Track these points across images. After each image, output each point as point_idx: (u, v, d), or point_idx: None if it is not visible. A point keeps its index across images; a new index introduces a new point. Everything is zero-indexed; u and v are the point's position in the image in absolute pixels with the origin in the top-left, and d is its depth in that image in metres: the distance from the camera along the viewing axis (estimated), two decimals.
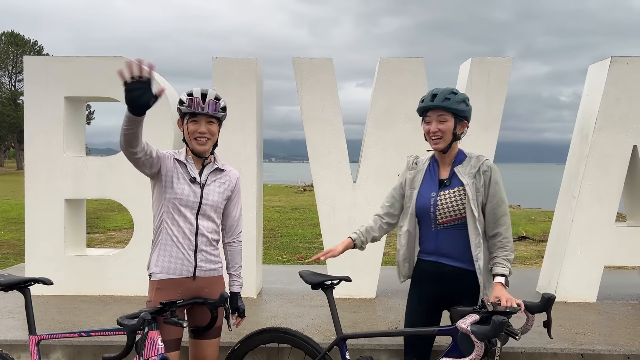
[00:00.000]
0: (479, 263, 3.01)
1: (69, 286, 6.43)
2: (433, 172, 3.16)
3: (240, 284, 3.44)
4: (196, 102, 3.04)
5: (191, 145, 3.13)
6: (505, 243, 3.03)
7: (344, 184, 6.37)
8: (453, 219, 3.04)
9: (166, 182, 3.07)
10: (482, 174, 3.02)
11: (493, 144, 6.25)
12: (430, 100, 3.06)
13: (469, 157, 3.15)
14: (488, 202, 3.03)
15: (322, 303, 6.07)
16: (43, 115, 6.41)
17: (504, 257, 3.01)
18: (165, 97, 6.42)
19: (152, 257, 3.22)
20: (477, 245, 3.01)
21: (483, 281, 3.04)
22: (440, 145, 3.08)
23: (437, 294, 3.15)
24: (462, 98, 3.14)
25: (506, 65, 6.19)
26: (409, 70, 6.22)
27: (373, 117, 6.34)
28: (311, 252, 12.43)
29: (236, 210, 3.38)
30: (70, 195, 6.45)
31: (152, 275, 3.15)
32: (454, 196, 3.03)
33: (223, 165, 3.37)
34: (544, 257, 11.30)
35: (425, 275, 3.19)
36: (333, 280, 3.41)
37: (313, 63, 6.30)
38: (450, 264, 3.08)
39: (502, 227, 3.03)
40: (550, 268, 6.58)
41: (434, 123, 3.08)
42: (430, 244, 3.14)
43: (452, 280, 3.10)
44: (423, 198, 3.11)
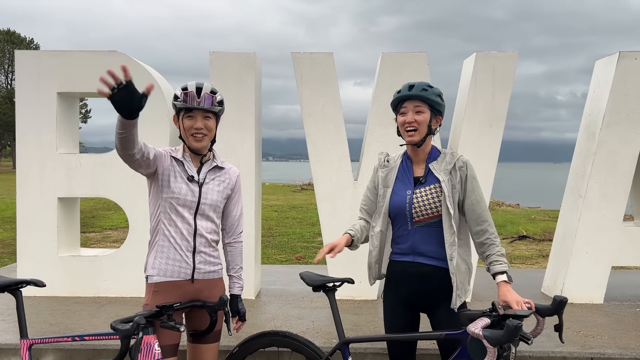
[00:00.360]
0: (453, 262, 2.88)
1: (62, 287, 6.26)
2: (407, 169, 3.05)
3: (240, 286, 3.30)
4: (191, 97, 2.90)
5: (188, 142, 3.00)
6: (494, 239, 2.91)
7: (345, 182, 6.21)
8: (430, 217, 2.92)
9: (163, 181, 2.95)
10: (457, 169, 2.92)
11: (498, 141, 6.10)
12: (408, 90, 2.97)
13: (443, 153, 3.03)
14: (466, 198, 2.92)
15: (322, 304, 5.91)
16: (35, 112, 6.24)
17: (498, 254, 2.87)
18: (161, 94, 6.25)
19: (149, 259, 3.06)
20: (451, 243, 2.88)
21: (456, 281, 2.90)
22: (416, 138, 2.95)
23: (415, 295, 3.02)
24: (439, 92, 3.02)
25: (512, 60, 6.03)
26: (411, 65, 6.06)
27: (375, 114, 6.18)
28: (310, 252, 12.29)
29: (236, 209, 3.24)
30: (64, 194, 6.28)
31: (149, 278, 3.01)
32: (430, 194, 2.93)
33: (223, 162, 3.22)
34: (546, 256, 11.18)
35: (402, 277, 3.05)
36: (335, 282, 3.28)
37: (313, 58, 6.14)
38: (428, 263, 2.96)
39: (486, 223, 2.92)
40: (555, 268, 6.43)
41: (410, 114, 2.97)
42: (405, 243, 3.01)
43: (430, 280, 2.97)
44: (397, 196, 3.00)
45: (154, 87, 2.53)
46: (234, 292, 3.25)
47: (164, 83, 6.53)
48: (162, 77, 6.62)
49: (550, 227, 16.05)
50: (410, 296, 3.02)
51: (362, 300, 6.06)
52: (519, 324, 2.46)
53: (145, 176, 3.01)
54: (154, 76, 6.28)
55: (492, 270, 2.87)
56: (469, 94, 6.06)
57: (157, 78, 6.32)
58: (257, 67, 6.28)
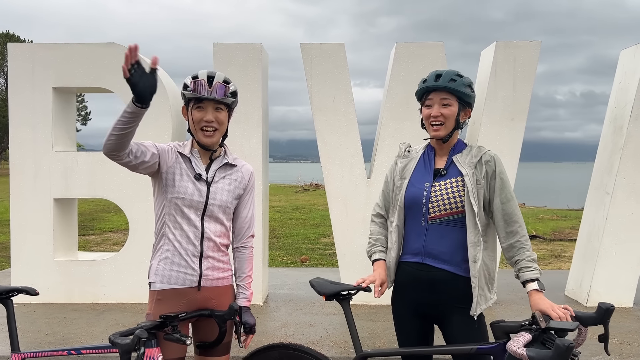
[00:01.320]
0: (477, 264, 2.59)
1: (58, 293, 5.93)
2: (428, 160, 2.82)
3: (246, 297, 2.96)
4: (202, 86, 2.65)
5: (197, 136, 2.74)
6: (525, 242, 2.62)
7: (358, 180, 5.87)
8: (447, 213, 2.66)
9: (167, 179, 2.71)
10: (484, 164, 2.67)
11: (519, 136, 5.77)
12: (434, 80, 2.71)
13: (470, 146, 2.79)
14: (495, 197, 2.66)
15: (335, 310, 5.57)
16: (29, 108, 5.91)
17: (528, 259, 2.59)
18: (162, 88, 5.91)
19: (152, 265, 2.78)
20: (475, 243, 2.61)
21: (478, 286, 2.60)
22: (442, 132, 2.71)
23: (423, 303, 2.73)
24: (469, 82, 2.75)
25: (534, 50, 5.70)
26: (427, 55, 5.72)
27: (389, 108, 5.84)
28: (314, 253, 11.97)
29: (247, 210, 2.94)
30: (60, 195, 5.94)
31: (152, 285, 2.75)
32: (451, 187, 2.67)
33: (235, 159, 2.93)
34: (558, 256, 10.83)
35: (408, 281, 2.77)
36: (350, 291, 2.91)
37: (323, 49, 5.80)
38: (438, 266, 2.67)
39: (517, 224, 2.64)
40: (581, 270, 6.09)
41: (436, 106, 2.72)
42: (416, 241, 2.74)
43: (441, 288, 2.68)
44: (414, 188, 2.75)
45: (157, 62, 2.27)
46: (241, 304, 2.93)
47: (165, 77, 6.19)
48: (163, 71, 6.28)
49: (560, 227, 15.74)
50: (420, 305, 2.75)
51: (378, 305, 5.70)
52: (571, 344, 2.14)
53: (149, 175, 2.76)
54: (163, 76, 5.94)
55: (522, 278, 2.59)
56: (489, 86, 5.73)
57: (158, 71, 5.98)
58: (264, 59, 5.94)
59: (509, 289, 6.49)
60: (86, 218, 17.76)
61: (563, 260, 11.21)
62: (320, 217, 17.76)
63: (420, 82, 2.79)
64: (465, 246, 2.63)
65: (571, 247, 12.50)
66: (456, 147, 2.77)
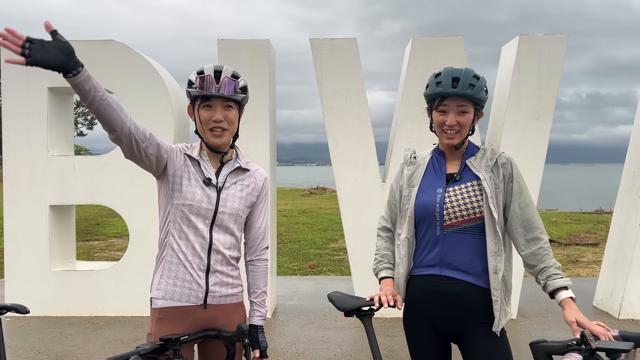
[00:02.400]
0: (498, 275, 2.41)
1: (54, 306, 5.60)
2: (438, 166, 2.63)
3: (262, 315, 2.70)
4: (208, 82, 2.40)
5: (205, 137, 2.50)
6: (548, 249, 2.44)
7: (372, 184, 5.51)
8: (465, 219, 2.47)
9: (174, 183, 2.48)
10: (500, 166, 2.50)
11: (545, 137, 5.39)
12: (452, 86, 2.47)
13: (483, 149, 2.60)
14: (512, 201, 2.48)
15: (349, 324, 5.20)
16: (23, 109, 5.60)
17: (555, 266, 2.39)
18: (164, 87, 5.58)
19: (155, 278, 2.55)
20: (496, 253, 2.42)
21: (500, 300, 2.41)
22: (456, 140, 2.53)
23: (443, 320, 2.51)
24: (485, 83, 2.55)
25: (560, 44, 5.33)
26: (446, 51, 5.37)
27: (404, 107, 5.48)
28: (323, 259, 11.64)
29: (261, 220, 2.68)
30: (56, 201, 5.62)
31: (153, 302, 2.52)
32: (467, 192, 2.49)
33: (247, 163, 2.67)
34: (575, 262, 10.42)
35: (423, 296, 2.55)
36: (373, 306, 2.65)
37: (335, 44, 5.45)
38: (458, 277, 2.47)
39: (538, 230, 2.45)
40: (611, 279, 5.70)
41: (451, 114, 2.50)
42: (432, 252, 2.53)
43: (461, 301, 2.46)
44: (426, 195, 2.56)
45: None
46: (254, 322, 2.66)
47: (167, 76, 5.86)
48: (164, 70, 5.95)
49: (574, 230, 15.33)
50: (438, 321, 2.52)
51: (395, 319, 5.32)
52: None
53: (155, 177, 2.53)
54: (155, 67, 5.62)
55: (553, 286, 2.35)
56: (512, 83, 5.36)
57: (159, 70, 5.65)
58: (271, 56, 5.60)
59: (532, 299, 6.11)
60: (90, 223, 17.54)
61: (581, 266, 10.81)
62: (328, 221, 17.43)
63: (432, 82, 2.52)
64: (484, 255, 2.43)
65: (588, 252, 12.11)
66: (468, 150, 2.59)
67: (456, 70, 2.47)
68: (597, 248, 12.58)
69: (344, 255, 5.61)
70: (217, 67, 2.41)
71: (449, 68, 2.51)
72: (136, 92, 5.55)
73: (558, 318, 5.33)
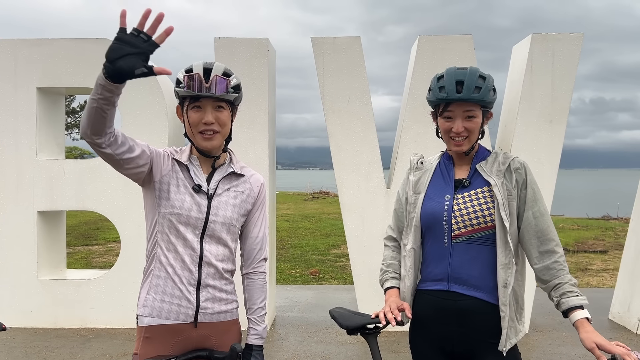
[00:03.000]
0: (507, 290, 2.24)
1: (42, 317, 5.34)
2: (445, 171, 2.45)
3: (258, 334, 2.47)
4: (197, 81, 2.20)
5: (195, 141, 2.31)
6: (563, 264, 2.26)
7: (376, 190, 5.24)
8: (475, 229, 2.29)
9: (161, 190, 2.30)
10: (513, 171, 2.32)
11: (559, 141, 5.12)
12: (456, 91, 2.27)
13: (494, 152, 2.42)
14: (526, 210, 2.30)
15: (351, 339, 4.93)
16: (11, 110, 5.35)
17: (571, 283, 2.21)
18: (159, 88, 5.34)
19: (141, 293, 2.36)
20: (506, 265, 2.25)
21: (508, 315, 2.24)
22: (465, 147, 2.35)
23: (452, 338, 2.32)
24: (492, 83, 2.34)
25: (575, 43, 5.06)
26: (454, 50, 5.11)
27: (410, 109, 5.22)
28: (325, 265, 11.38)
29: (258, 229, 2.48)
30: (44, 207, 5.36)
31: (139, 319, 2.32)
32: (477, 199, 2.31)
33: (242, 168, 2.47)
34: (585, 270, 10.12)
35: (431, 313, 2.37)
36: (378, 323, 2.45)
37: (337, 43, 5.19)
38: (468, 293, 2.29)
39: (553, 242, 2.27)
40: (629, 291, 5.41)
41: (458, 120, 2.31)
42: (438, 265, 2.35)
43: (472, 318, 2.29)
44: (432, 202, 2.38)
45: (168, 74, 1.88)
46: (250, 342, 2.43)
47: (161, 77, 5.60)
48: None
49: (582, 237, 15.05)
50: (446, 340, 2.34)
51: (400, 333, 5.04)
52: None
53: (140, 185, 2.35)
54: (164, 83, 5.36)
55: (568, 304, 2.19)
56: (524, 84, 5.09)
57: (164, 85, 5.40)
58: (271, 55, 5.34)
59: (544, 312, 5.82)
60: (91, 227, 17.39)
61: (590, 274, 10.53)
62: (330, 226, 17.19)
63: (435, 86, 2.31)
64: (496, 268, 2.27)
65: (597, 260, 11.82)
66: (479, 155, 2.40)
67: (460, 72, 2.26)
68: (606, 255, 12.29)
69: (347, 261, 5.34)
70: (207, 64, 2.21)
71: (452, 70, 2.30)
72: (129, 92, 5.28)
73: (573, 332, 5.04)
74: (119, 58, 1.81)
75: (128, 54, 1.81)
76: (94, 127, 1.96)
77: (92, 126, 1.96)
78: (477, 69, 2.28)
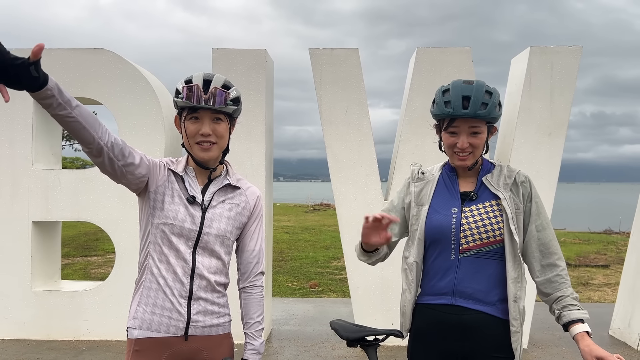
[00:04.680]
0: (519, 304, 2.25)
1: (35, 328, 5.28)
2: (450, 183, 2.42)
3: (255, 349, 2.44)
4: (196, 92, 2.21)
5: (192, 151, 2.31)
6: (565, 277, 2.27)
7: (374, 202, 5.20)
8: (483, 243, 2.27)
9: (156, 201, 2.29)
10: (519, 184, 2.33)
11: (558, 154, 5.08)
12: (462, 107, 2.24)
13: (499, 165, 2.42)
14: (530, 223, 2.32)
15: (347, 353, 4.86)
16: (7, 120, 5.35)
17: (572, 296, 2.22)
18: (155, 98, 5.32)
19: (132, 305, 2.33)
20: (516, 279, 2.26)
21: (520, 333, 2.25)
22: (469, 162, 2.35)
23: (452, 354, 2.31)
24: (499, 98, 2.33)
25: (574, 56, 5.04)
26: (453, 62, 5.09)
27: (408, 121, 5.19)
28: (324, 278, 11.30)
29: (254, 242, 2.45)
30: (39, 217, 5.33)
31: (129, 332, 2.29)
32: (486, 213, 2.30)
33: (239, 180, 2.45)
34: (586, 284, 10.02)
35: (433, 327, 2.35)
36: (378, 335, 2.49)
37: (335, 55, 5.18)
38: (473, 307, 2.27)
39: (555, 256, 2.29)
40: (629, 307, 5.34)
41: (463, 136, 2.29)
42: (444, 279, 2.32)
43: (477, 333, 2.26)
44: (439, 215, 2.34)
45: (43, 48, 1.84)
46: (247, 357, 2.38)
47: (159, 87, 5.59)
48: (157, 80, 5.69)
49: (584, 251, 14.94)
50: (448, 355, 2.32)
51: (397, 347, 4.97)
52: None
53: (136, 194, 2.34)
54: (147, 77, 5.36)
55: (567, 317, 2.19)
56: (522, 97, 5.06)
57: (150, 80, 5.39)
58: (268, 66, 5.33)
59: (543, 327, 5.74)
60: (90, 238, 17.34)
61: (592, 289, 10.43)
62: (331, 238, 17.12)
63: (440, 101, 2.28)
64: (502, 282, 2.26)
65: (599, 274, 11.72)
66: (484, 167, 2.39)
67: (466, 87, 2.23)
68: (607, 270, 12.19)
69: (346, 274, 5.29)
70: (207, 75, 2.22)
71: (458, 83, 2.26)
72: (126, 102, 5.29)
73: (572, 348, 4.96)
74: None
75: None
76: (80, 137, 1.97)
77: (79, 139, 1.98)
78: (483, 83, 2.26)
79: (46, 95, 1.83)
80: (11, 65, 1.72)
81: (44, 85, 1.81)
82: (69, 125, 1.93)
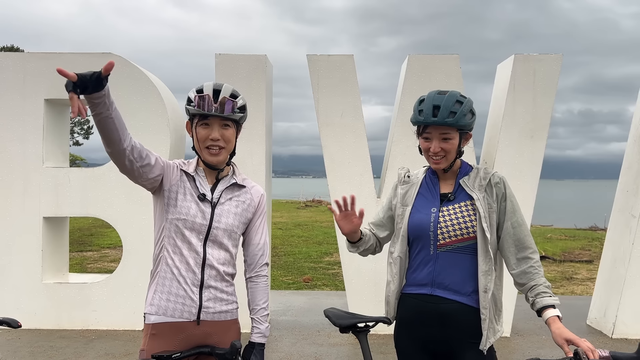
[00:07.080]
0: (487, 295, 2.45)
1: (46, 319, 5.54)
2: (432, 185, 2.67)
3: (261, 332, 2.67)
4: (207, 101, 2.43)
5: (202, 155, 2.53)
6: (539, 268, 2.48)
7: (367, 200, 5.51)
8: (458, 239, 2.51)
9: (169, 198, 2.51)
10: (493, 186, 2.54)
11: (540, 155, 5.41)
12: (432, 115, 2.48)
13: (476, 168, 2.63)
14: (506, 220, 2.52)
15: (342, 341, 5.18)
16: (19, 120, 5.58)
17: (545, 284, 2.43)
18: (161, 101, 5.59)
19: (149, 294, 2.55)
20: (487, 272, 2.47)
21: (488, 317, 2.45)
22: (442, 165, 2.58)
23: (435, 339, 2.52)
24: (470, 106, 2.53)
25: (555, 63, 5.38)
26: (442, 69, 5.40)
27: (400, 124, 5.51)
28: (317, 273, 11.58)
29: (260, 236, 2.68)
30: (50, 213, 5.59)
31: (146, 317, 2.51)
32: (461, 212, 2.53)
33: (244, 180, 2.68)
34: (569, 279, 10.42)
35: (415, 315, 2.58)
36: (368, 322, 2.71)
37: (331, 61, 5.48)
38: (449, 297, 2.50)
39: (529, 250, 2.50)
40: (605, 298, 5.69)
41: (435, 142, 2.53)
42: (424, 271, 2.57)
43: (452, 320, 2.50)
44: (420, 214, 2.59)
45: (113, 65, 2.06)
46: (252, 340, 2.62)
47: (163, 90, 5.87)
48: (161, 83, 5.96)
49: (569, 247, 15.32)
50: (428, 341, 2.54)
51: (388, 335, 5.27)
52: None
53: (151, 192, 2.56)
54: (153, 81, 5.63)
55: (541, 303, 2.39)
56: (507, 101, 5.40)
57: (156, 83, 5.67)
58: (268, 71, 5.63)
59: (526, 317, 6.09)
60: (84, 234, 17.42)
61: (575, 283, 10.82)
62: (323, 234, 17.38)
63: (415, 109, 2.54)
64: (475, 275, 2.47)
65: (582, 269, 12.10)
66: (462, 170, 2.61)
67: (438, 97, 2.46)
68: (591, 265, 12.56)
69: (339, 269, 5.59)
70: (216, 85, 2.43)
71: (432, 94, 2.50)
72: (133, 105, 5.56)
73: None
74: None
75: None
76: (108, 138, 2.18)
77: (107, 140, 2.18)
78: (456, 93, 2.47)
79: (100, 96, 2.06)
80: (90, 80, 2.00)
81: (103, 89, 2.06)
82: (105, 124, 2.13)
